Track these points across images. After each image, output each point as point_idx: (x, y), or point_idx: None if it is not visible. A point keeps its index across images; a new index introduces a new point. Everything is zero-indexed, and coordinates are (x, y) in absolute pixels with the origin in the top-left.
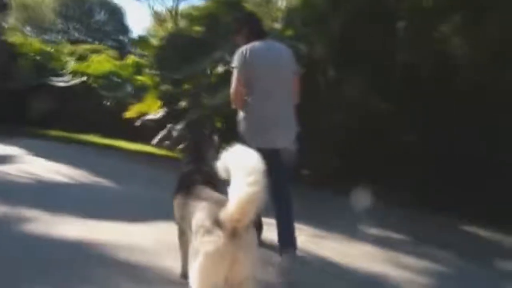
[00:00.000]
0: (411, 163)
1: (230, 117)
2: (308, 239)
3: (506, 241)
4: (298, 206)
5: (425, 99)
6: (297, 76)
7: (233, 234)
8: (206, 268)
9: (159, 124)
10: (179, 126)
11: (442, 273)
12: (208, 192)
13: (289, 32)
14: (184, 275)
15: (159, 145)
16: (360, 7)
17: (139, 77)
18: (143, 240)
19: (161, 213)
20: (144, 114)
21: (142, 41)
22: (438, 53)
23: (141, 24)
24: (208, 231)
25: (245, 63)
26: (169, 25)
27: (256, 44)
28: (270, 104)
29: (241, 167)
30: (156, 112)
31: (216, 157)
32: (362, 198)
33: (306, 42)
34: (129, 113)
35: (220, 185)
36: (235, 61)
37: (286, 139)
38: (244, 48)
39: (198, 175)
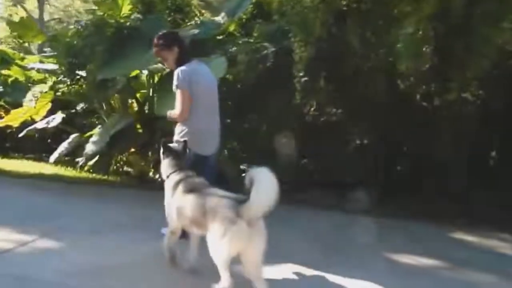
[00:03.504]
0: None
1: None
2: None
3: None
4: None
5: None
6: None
7: (249, 223)
8: (230, 247)
9: (47, 135)
10: (94, 138)
11: None
12: (219, 192)
13: (232, 27)
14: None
15: (57, 162)
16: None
17: (7, 72)
18: None
19: None
20: (31, 122)
21: (25, 25)
22: None
23: None
24: (232, 221)
25: (191, 83)
26: (33, 7)
27: (193, 65)
28: (209, 118)
29: (264, 181)
30: (46, 119)
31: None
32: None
33: (272, 40)
34: (7, 120)
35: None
36: (181, 82)
37: (217, 145)
38: (186, 69)
39: (194, 180)
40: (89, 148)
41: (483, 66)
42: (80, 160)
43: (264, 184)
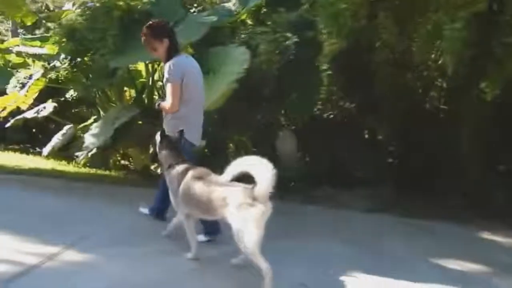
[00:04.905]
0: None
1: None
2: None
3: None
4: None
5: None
6: None
7: (264, 204)
8: (257, 228)
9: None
10: (94, 130)
11: None
12: (226, 180)
13: (243, 17)
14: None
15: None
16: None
17: None
18: None
19: None
20: (16, 110)
21: (12, 3)
22: None
23: None
24: (251, 205)
25: (184, 76)
26: None
27: (183, 58)
28: (199, 110)
29: (260, 164)
30: (36, 108)
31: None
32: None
33: (293, 30)
34: None
35: None
36: (174, 75)
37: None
38: (179, 62)
39: (199, 169)
40: (89, 141)
41: None
42: (80, 154)
43: (263, 170)
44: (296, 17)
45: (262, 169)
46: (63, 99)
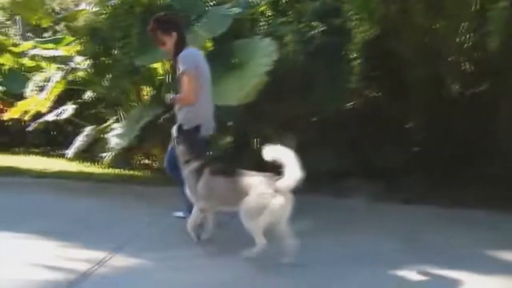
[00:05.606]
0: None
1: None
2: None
3: None
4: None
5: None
6: None
7: (285, 196)
8: (270, 217)
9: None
10: (119, 131)
11: None
12: (249, 172)
13: (262, 8)
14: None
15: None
16: None
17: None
18: None
19: None
20: (40, 114)
21: (29, 6)
22: None
23: None
24: (272, 195)
25: (197, 67)
26: None
27: (193, 50)
28: (210, 102)
29: (290, 158)
30: (55, 110)
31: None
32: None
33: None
34: (13, 113)
35: None
36: (189, 66)
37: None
38: (191, 54)
39: (218, 164)
40: (115, 141)
41: None
42: (105, 155)
43: (292, 163)
44: (321, 5)
45: (292, 164)
46: (80, 100)
